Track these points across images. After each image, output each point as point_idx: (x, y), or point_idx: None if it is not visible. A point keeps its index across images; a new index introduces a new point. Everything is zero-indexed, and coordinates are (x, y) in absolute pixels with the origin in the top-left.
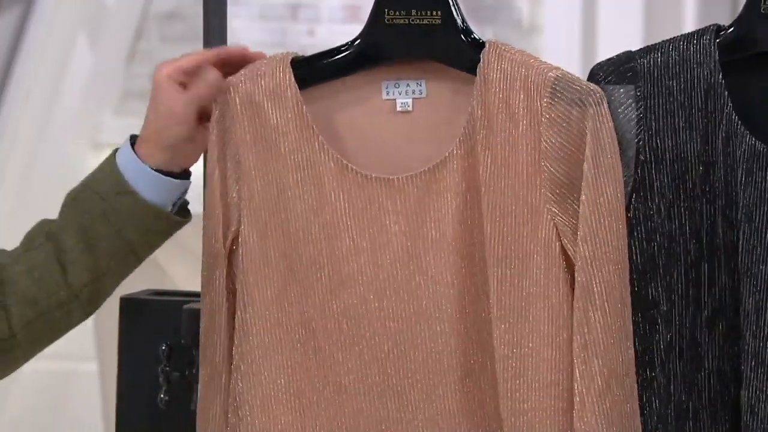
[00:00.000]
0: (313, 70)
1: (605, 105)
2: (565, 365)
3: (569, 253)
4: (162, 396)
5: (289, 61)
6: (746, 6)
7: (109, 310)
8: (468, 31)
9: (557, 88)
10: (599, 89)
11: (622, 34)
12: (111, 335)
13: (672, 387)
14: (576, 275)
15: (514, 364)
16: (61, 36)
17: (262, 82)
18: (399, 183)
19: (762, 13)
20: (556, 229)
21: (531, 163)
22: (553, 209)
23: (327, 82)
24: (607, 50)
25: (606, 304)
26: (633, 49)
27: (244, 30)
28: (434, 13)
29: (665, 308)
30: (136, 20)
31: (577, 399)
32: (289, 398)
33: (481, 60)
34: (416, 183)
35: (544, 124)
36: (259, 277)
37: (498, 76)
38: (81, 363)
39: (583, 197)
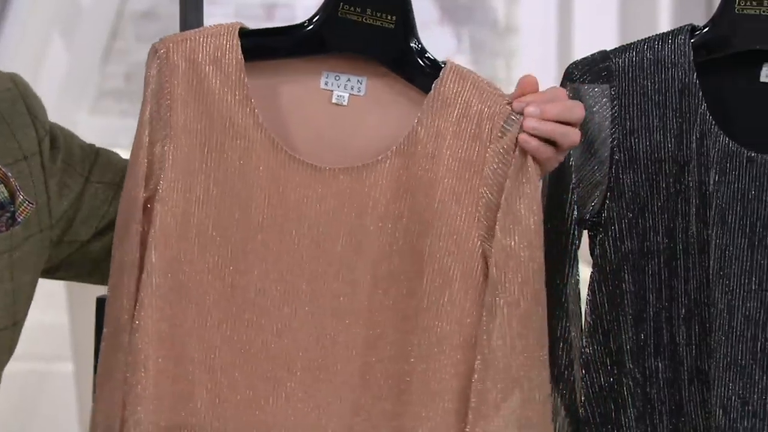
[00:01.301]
0: (258, 45)
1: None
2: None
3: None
4: None
5: (237, 29)
6: (721, 6)
7: (85, 310)
8: (418, 42)
9: (509, 120)
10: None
11: (598, 34)
12: (86, 336)
13: (647, 384)
14: (486, 297)
15: (419, 377)
16: (37, 35)
17: (208, 45)
18: (328, 173)
19: (737, 14)
20: (483, 254)
21: (472, 187)
22: (483, 234)
23: (270, 59)
24: (582, 50)
25: (516, 337)
26: (608, 49)
27: None
28: (389, 17)
29: (639, 307)
30: (112, 19)
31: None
32: (175, 365)
33: (440, 77)
34: (346, 177)
35: (490, 152)
36: (168, 239)
37: (454, 96)
38: (56, 363)
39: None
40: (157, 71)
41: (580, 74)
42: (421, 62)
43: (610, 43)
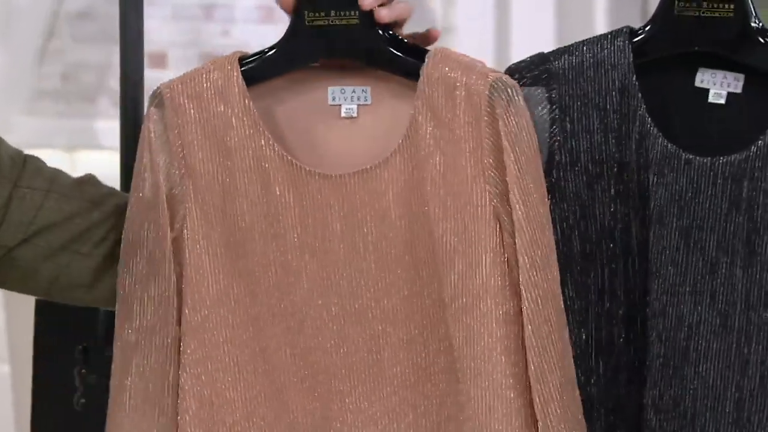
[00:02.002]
0: (258, 68)
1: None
2: (518, 365)
3: (510, 249)
4: (78, 398)
5: (237, 58)
6: (660, 8)
7: (23, 312)
8: (387, 29)
9: (495, 87)
10: (515, 85)
11: (535, 35)
12: (24, 337)
13: (590, 383)
14: (523, 291)
15: (467, 365)
16: None
17: (210, 78)
18: (342, 180)
19: (676, 15)
20: (500, 226)
21: (476, 161)
22: (497, 205)
23: (272, 80)
24: (519, 50)
25: (556, 317)
26: (546, 50)
27: (157, 30)
28: (351, 13)
29: (582, 307)
30: (47, 19)
31: (538, 402)
32: (239, 396)
33: (426, 62)
34: (358, 181)
35: (484, 122)
36: (206, 274)
37: (442, 76)
38: None
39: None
40: (162, 115)
41: (520, 77)
42: (403, 53)
43: (547, 44)
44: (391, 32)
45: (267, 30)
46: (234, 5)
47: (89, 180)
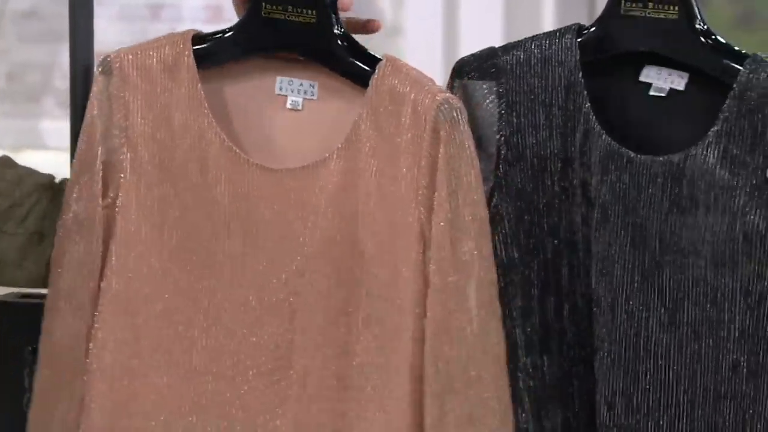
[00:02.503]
0: (210, 50)
1: (462, 125)
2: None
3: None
4: (28, 399)
5: (191, 36)
6: (607, 7)
7: None
8: (345, 35)
9: (442, 108)
10: (461, 107)
11: (483, 36)
12: None
13: (535, 382)
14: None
15: (380, 374)
16: None
17: (161, 53)
18: (279, 174)
19: (622, 15)
20: (424, 245)
21: (411, 178)
22: (424, 225)
23: (223, 64)
24: (468, 51)
25: (445, 349)
26: (496, 46)
27: (103, 30)
28: (309, 11)
29: (526, 304)
30: None
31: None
32: (139, 370)
33: (376, 72)
34: (295, 177)
35: (426, 141)
36: (131, 245)
37: (391, 88)
38: None
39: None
40: (108, 83)
41: (468, 70)
42: (355, 58)
43: (495, 44)
44: (347, 36)
45: (214, 29)
46: (181, 5)
47: (6, 161)
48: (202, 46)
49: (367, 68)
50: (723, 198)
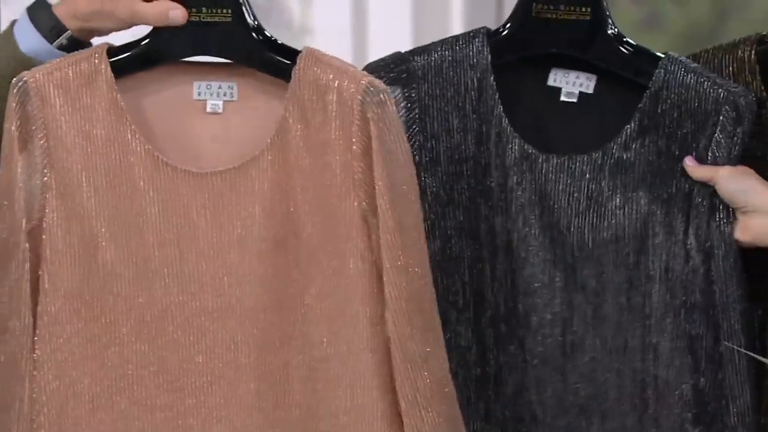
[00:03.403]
0: (127, 61)
1: (389, 106)
2: (384, 366)
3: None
4: None
5: (105, 49)
6: (517, 9)
7: None
8: (260, 30)
9: (368, 91)
10: (386, 89)
11: (392, 35)
12: None
13: (455, 387)
14: (386, 293)
15: (334, 365)
16: None
17: (78, 69)
18: (208, 178)
19: (533, 17)
20: (368, 228)
21: (345, 164)
22: (366, 209)
23: (140, 72)
24: (377, 50)
25: (420, 319)
26: (403, 51)
27: None
28: (224, 10)
29: (443, 309)
30: None
31: (405, 412)
32: (86, 390)
33: (297, 64)
34: (225, 179)
35: (356, 126)
36: (63, 266)
37: (314, 79)
38: None
39: (381, 215)
40: (25, 103)
41: (378, 77)
42: (274, 53)
43: (404, 45)
44: (263, 31)
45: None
46: None
47: None
48: (119, 57)
49: (287, 62)
50: (640, 191)
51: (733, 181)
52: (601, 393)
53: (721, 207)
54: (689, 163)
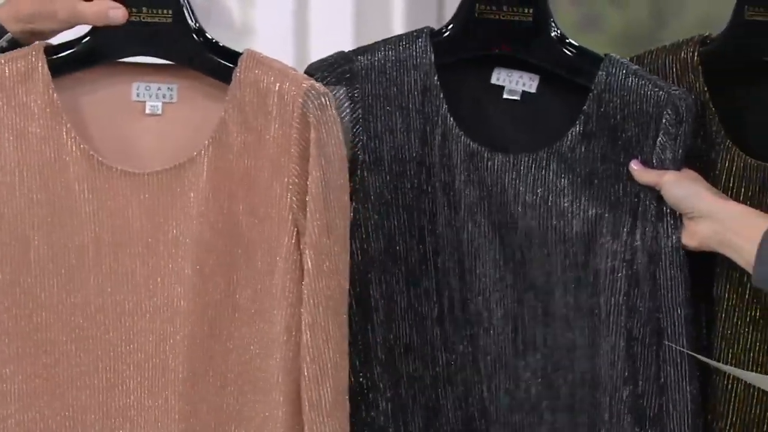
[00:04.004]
0: (65, 60)
1: (330, 110)
2: (295, 372)
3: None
4: None
5: (42, 48)
6: (460, 9)
7: None
8: (201, 32)
9: (309, 95)
10: (328, 92)
11: (334, 36)
12: None
13: (397, 384)
14: (305, 296)
15: (261, 367)
16: None
17: (14, 67)
18: (144, 178)
19: (476, 17)
20: (298, 233)
21: (282, 167)
22: (297, 213)
23: (78, 72)
24: (319, 51)
25: (335, 326)
26: (345, 50)
27: None
28: (165, 11)
29: (388, 308)
30: None
31: (307, 417)
32: (15, 388)
33: (238, 65)
34: (161, 179)
35: (295, 129)
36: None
37: (255, 81)
38: None
39: (312, 219)
40: None
41: (322, 76)
42: (214, 54)
43: (346, 45)
44: (204, 33)
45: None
46: None
47: None
48: (57, 56)
49: (228, 64)
50: (586, 192)
51: (678, 187)
52: (552, 391)
53: (668, 211)
54: (635, 167)
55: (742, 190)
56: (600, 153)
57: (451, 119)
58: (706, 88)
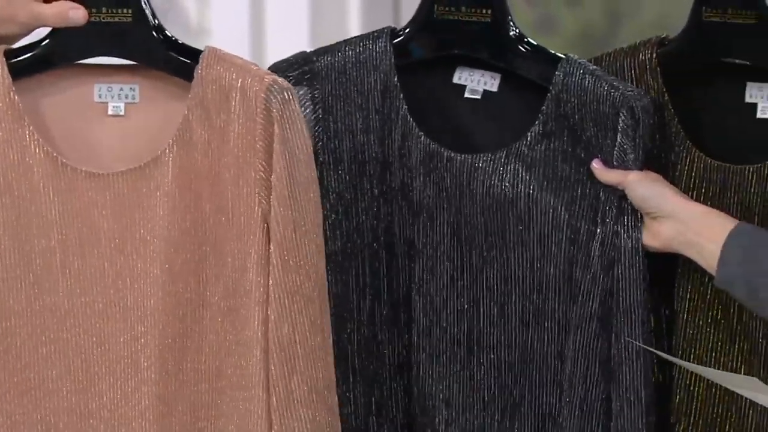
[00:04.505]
0: (26, 62)
1: (293, 104)
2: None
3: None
4: None
5: (2, 51)
6: (420, 10)
7: None
8: (161, 30)
9: (272, 90)
10: (290, 87)
11: (290, 36)
12: None
13: (351, 383)
14: (271, 291)
15: (235, 364)
16: None
17: None
18: (109, 179)
19: (436, 18)
20: (267, 227)
21: (247, 163)
22: (266, 208)
23: (40, 74)
24: (275, 51)
25: (304, 319)
26: (301, 50)
27: None
28: (124, 10)
29: (343, 307)
30: None
31: (275, 411)
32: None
33: (200, 62)
34: (126, 179)
35: (259, 125)
36: None
37: (216, 78)
38: None
39: (278, 212)
40: None
41: (284, 76)
42: (176, 53)
43: (302, 45)
44: (164, 31)
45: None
46: None
47: None
48: (18, 59)
49: (189, 61)
50: (546, 193)
51: (643, 186)
52: (505, 392)
53: (629, 211)
54: (596, 166)
55: (703, 191)
56: (560, 153)
57: (411, 119)
58: (664, 90)
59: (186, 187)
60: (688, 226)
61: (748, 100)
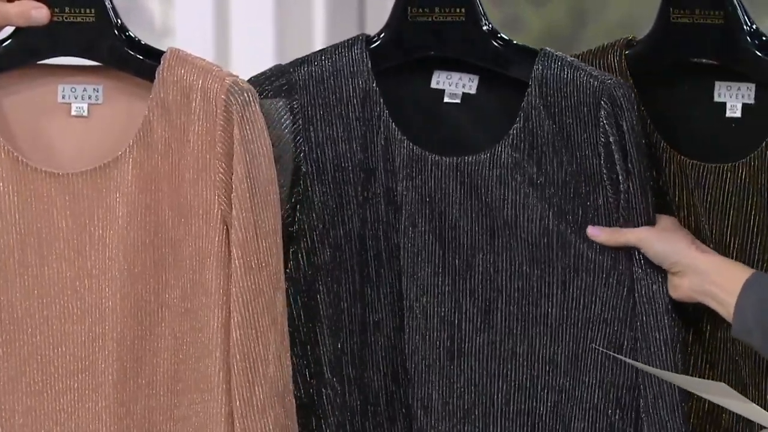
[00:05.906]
0: None
1: (253, 105)
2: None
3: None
4: None
5: None
6: (393, 14)
7: None
8: (124, 30)
9: (232, 91)
10: (251, 88)
11: (254, 37)
12: None
13: (347, 392)
14: (233, 293)
15: (194, 367)
16: None
17: None
18: (70, 178)
19: (410, 21)
20: (227, 229)
21: (207, 165)
22: (225, 210)
23: (1, 74)
24: (239, 52)
25: (266, 321)
26: (266, 52)
27: None
28: (87, 10)
29: (336, 317)
30: None
31: (238, 415)
32: None
33: (162, 63)
34: (86, 179)
35: (219, 126)
36: None
37: (178, 79)
38: None
39: (237, 216)
40: None
41: (261, 89)
42: (138, 53)
43: (266, 46)
44: (126, 31)
45: None
46: None
47: None
48: None
49: (151, 62)
50: (533, 193)
51: (658, 243)
52: (487, 399)
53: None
54: (598, 233)
55: (677, 190)
56: (543, 149)
57: (393, 124)
58: (635, 91)
59: (146, 188)
60: (705, 277)
61: (717, 99)
